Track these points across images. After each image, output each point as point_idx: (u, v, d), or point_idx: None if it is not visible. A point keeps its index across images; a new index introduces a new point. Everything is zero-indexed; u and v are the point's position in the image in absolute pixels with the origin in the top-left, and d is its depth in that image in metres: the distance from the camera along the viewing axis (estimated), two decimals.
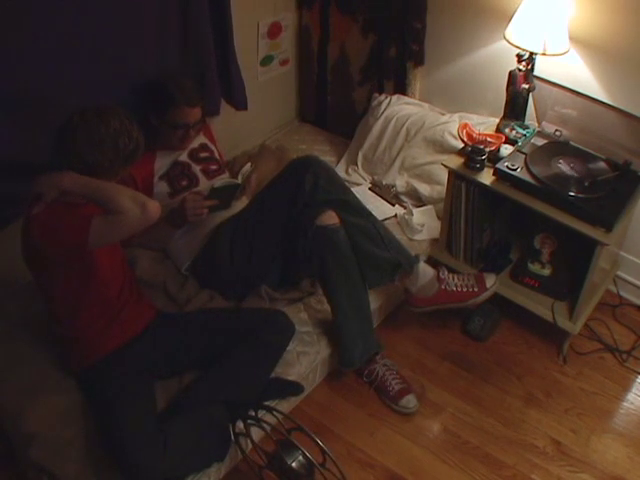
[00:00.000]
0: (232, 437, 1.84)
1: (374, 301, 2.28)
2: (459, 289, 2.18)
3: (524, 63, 2.26)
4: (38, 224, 1.62)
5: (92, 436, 1.76)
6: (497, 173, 2.19)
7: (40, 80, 1.97)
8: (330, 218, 2.08)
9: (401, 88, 2.85)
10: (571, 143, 2.29)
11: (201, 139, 2.38)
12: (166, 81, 2.18)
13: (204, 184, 2.31)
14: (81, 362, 1.83)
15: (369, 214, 2.18)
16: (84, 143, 1.64)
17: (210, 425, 1.82)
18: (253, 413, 1.80)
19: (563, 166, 2.18)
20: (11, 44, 1.87)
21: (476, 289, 2.17)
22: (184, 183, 2.28)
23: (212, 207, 2.13)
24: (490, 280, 2.19)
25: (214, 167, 2.37)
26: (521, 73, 2.28)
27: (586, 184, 2.10)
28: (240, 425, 1.82)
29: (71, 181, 1.62)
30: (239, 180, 2.23)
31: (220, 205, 2.17)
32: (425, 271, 2.19)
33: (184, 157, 2.30)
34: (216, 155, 2.43)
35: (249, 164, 2.40)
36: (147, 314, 1.94)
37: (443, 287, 2.18)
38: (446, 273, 2.20)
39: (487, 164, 2.24)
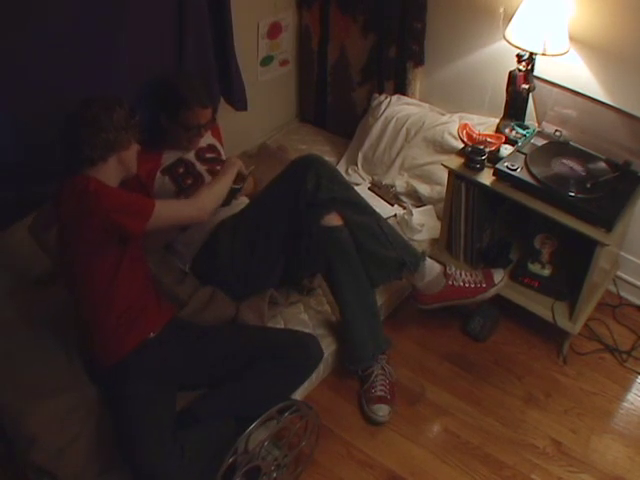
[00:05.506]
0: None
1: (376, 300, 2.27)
2: (467, 285, 2.18)
3: (524, 63, 2.26)
4: (104, 194, 1.69)
5: (93, 438, 1.76)
6: (497, 173, 2.19)
7: (46, 82, 1.98)
8: (334, 220, 2.07)
9: (401, 88, 2.85)
10: (571, 143, 2.29)
11: (209, 140, 2.37)
12: (175, 82, 2.17)
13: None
14: (104, 361, 1.81)
15: (373, 212, 2.17)
16: (87, 131, 1.73)
17: (219, 442, 1.76)
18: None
19: (563, 166, 2.18)
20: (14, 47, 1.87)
21: (484, 284, 2.18)
22: (189, 182, 2.26)
23: None
24: (498, 275, 2.20)
25: (220, 168, 2.36)
26: (521, 73, 2.28)
27: (586, 184, 2.10)
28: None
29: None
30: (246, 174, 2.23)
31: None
32: (432, 267, 2.19)
33: (190, 156, 2.29)
34: (222, 156, 2.41)
35: (253, 167, 2.38)
36: (166, 314, 1.93)
37: (450, 283, 2.18)
38: (453, 269, 2.20)
39: (487, 164, 2.24)
